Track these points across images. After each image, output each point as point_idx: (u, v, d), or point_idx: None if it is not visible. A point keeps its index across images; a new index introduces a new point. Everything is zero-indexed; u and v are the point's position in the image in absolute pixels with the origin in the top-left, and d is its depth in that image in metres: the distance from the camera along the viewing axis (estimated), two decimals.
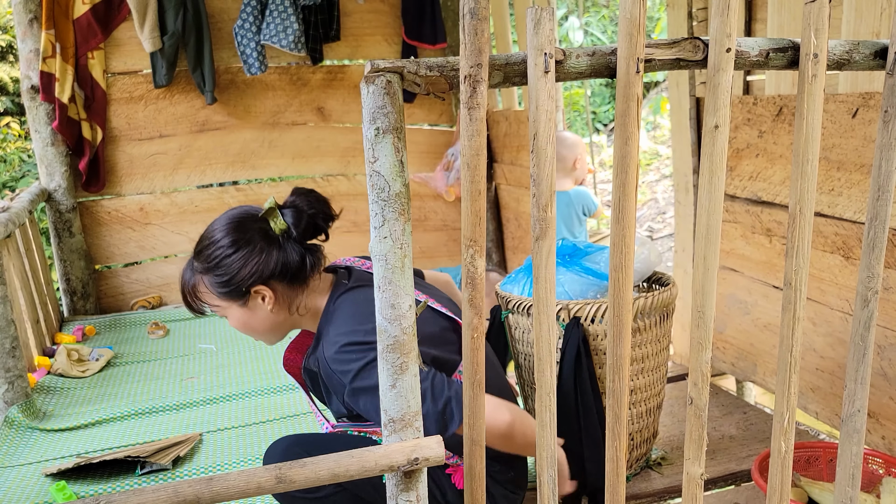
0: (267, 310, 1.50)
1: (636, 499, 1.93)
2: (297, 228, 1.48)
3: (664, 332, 1.89)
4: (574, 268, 1.91)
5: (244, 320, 1.52)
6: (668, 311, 1.88)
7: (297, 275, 1.49)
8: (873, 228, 1.19)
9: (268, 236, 1.47)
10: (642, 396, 1.89)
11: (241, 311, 1.51)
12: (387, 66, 0.94)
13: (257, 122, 4.00)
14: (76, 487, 2.01)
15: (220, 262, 1.46)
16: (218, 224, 1.50)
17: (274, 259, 1.45)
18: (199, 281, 1.51)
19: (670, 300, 1.86)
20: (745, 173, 2.36)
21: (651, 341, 1.85)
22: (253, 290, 1.47)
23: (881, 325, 1.91)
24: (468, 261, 1.01)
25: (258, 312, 1.51)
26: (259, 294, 1.48)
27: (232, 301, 1.49)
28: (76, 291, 3.72)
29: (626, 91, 1.00)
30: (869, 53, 1.15)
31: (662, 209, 5.92)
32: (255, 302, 1.49)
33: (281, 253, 1.46)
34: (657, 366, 1.91)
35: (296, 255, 1.47)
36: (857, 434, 1.25)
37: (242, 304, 1.50)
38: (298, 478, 1.00)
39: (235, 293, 1.47)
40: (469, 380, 1.06)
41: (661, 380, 1.95)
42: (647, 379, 1.88)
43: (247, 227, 1.47)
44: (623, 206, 1.03)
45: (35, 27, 3.43)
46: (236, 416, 2.46)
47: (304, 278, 1.50)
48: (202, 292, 1.52)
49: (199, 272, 1.50)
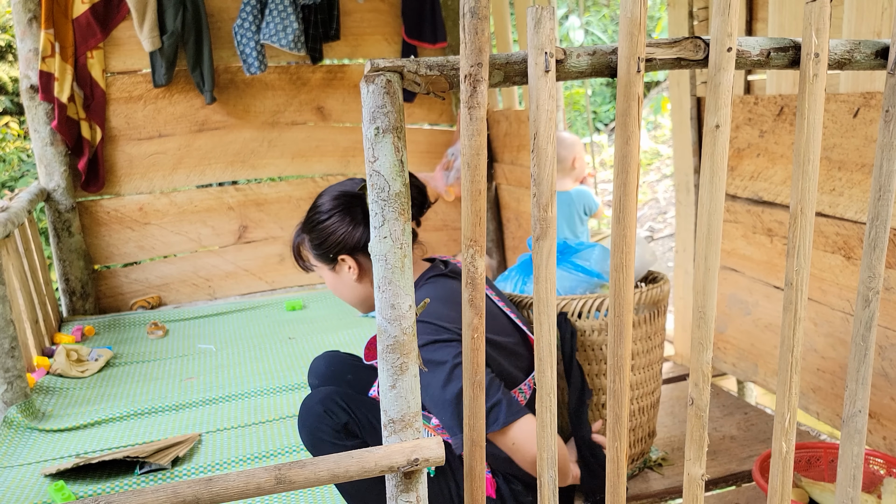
0: (352, 279, 1.63)
1: (637, 499, 1.92)
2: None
3: (656, 330, 1.89)
4: (564, 265, 1.93)
5: (333, 283, 1.68)
6: (660, 308, 1.88)
7: None
8: (874, 228, 1.18)
9: (363, 211, 1.59)
10: (634, 394, 1.89)
11: (331, 275, 1.66)
12: (387, 66, 0.94)
13: (257, 122, 4.00)
14: (75, 487, 2.01)
15: (316, 226, 1.61)
16: (327, 192, 1.64)
17: (360, 233, 1.58)
18: (303, 240, 1.67)
19: (661, 296, 1.86)
20: (746, 173, 2.36)
21: (642, 338, 1.84)
22: (339, 257, 1.61)
23: (882, 326, 1.90)
24: (468, 261, 1.00)
25: (344, 279, 1.65)
26: (345, 262, 1.62)
27: (323, 263, 1.65)
28: (75, 291, 3.72)
29: (627, 90, 1.00)
30: (870, 53, 1.15)
31: (663, 209, 5.92)
32: (342, 269, 1.63)
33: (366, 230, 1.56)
34: (650, 363, 1.90)
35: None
36: (858, 434, 1.25)
37: (331, 268, 1.65)
38: (298, 478, 1.00)
39: (325, 257, 1.63)
40: (469, 380, 1.06)
41: (655, 378, 1.95)
42: (638, 377, 1.88)
43: (347, 200, 1.60)
44: (624, 205, 1.03)
45: (34, 26, 3.42)
46: (235, 417, 2.46)
47: None
48: (304, 250, 1.69)
49: (303, 232, 1.66)
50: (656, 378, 1.96)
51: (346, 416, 1.53)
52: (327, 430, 1.52)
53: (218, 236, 4.04)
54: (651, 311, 1.85)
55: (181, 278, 3.99)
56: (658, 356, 1.94)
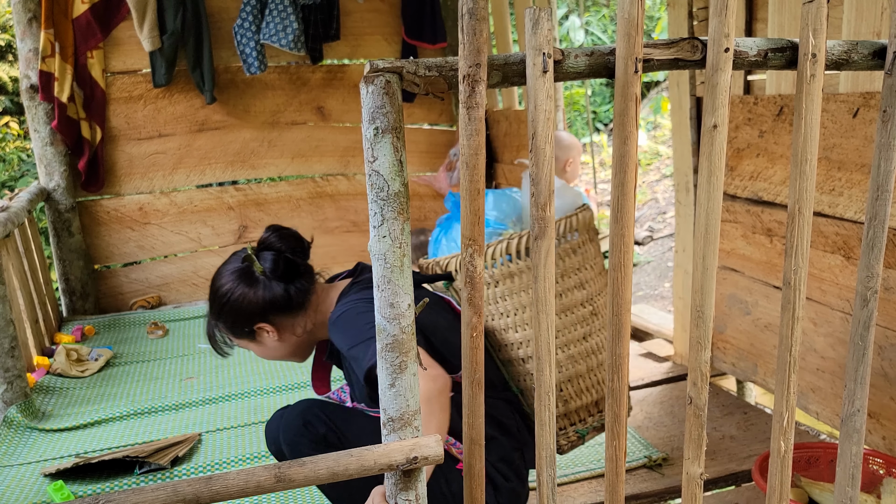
0: (275, 341, 1.65)
1: (637, 499, 1.92)
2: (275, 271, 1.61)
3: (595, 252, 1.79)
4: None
5: (262, 352, 1.69)
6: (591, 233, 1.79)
7: (289, 305, 1.61)
8: (872, 228, 1.18)
9: (252, 280, 1.60)
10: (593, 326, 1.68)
11: (256, 346, 1.68)
12: (386, 66, 0.94)
13: (257, 122, 4.00)
14: (74, 487, 2.01)
15: (224, 308, 1.62)
16: (218, 275, 1.65)
17: (263, 293, 1.59)
18: (218, 327, 1.68)
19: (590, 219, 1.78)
20: (745, 173, 2.36)
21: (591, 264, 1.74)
22: (256, 327, 1.63)
23: (881, 325, 1.90)
24: (468, 260, 1.01)
25: (269, 344, 1.66)
26: (263, 329, 1.63)
27: (246, 339, 1.66)
28: (75, 291, 3.72)
29: (625, 91, 1.00)
30: (867, 53, 1.15)
31: (663, 209, 5.92)
32: (262, 336, 1.65)
33: (266, 292, 1.59)
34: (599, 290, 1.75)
35: (280, 290, 1.60)
36: (857, 434, 1.25)
37: (253, 340, 1.66)
38: (298, 476, 1.00)
39: (243, 333, 1.64)
40: (468, 378, 1.06)
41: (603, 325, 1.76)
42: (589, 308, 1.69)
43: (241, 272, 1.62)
44: (622, 205, 1.03)
45: (34, 26, 3.42)
46: (235, 417, 2.46)
47: (299, 305, 1.62)
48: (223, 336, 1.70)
49: (216, 319, 1.67)
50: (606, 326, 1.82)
51: (325, 428, 1.53)
52: (307, 442, 1.52)
53: (218, 236, 4.04)
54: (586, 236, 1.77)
55: (181, 278, 3.99)
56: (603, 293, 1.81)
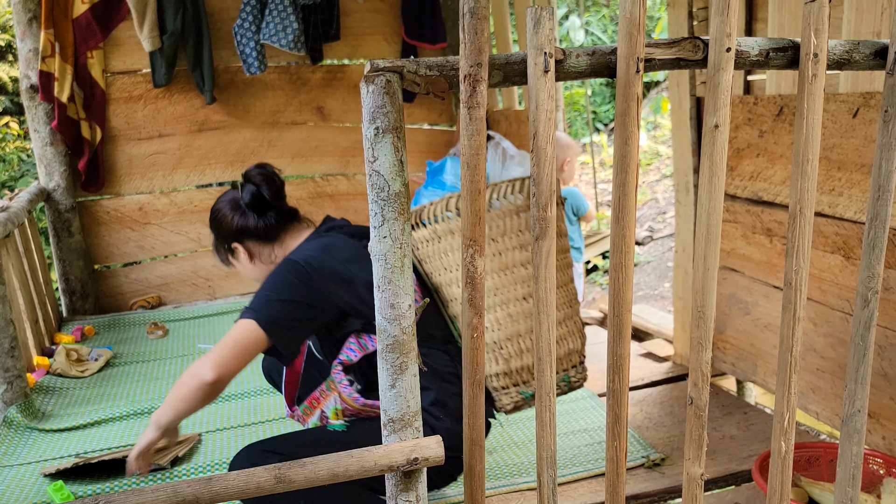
0: (247, 262, 1.93)
1: (637, 499, 1.92)
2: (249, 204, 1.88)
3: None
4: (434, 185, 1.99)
5: (240, 270, 1.97)
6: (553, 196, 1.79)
7: (264, 234, 1.89)
8: (873, 228, 1.18)
9: (235, 206, 1.90)
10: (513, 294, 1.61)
11: (236, 263, 1.97)
12: (386, 66, 0.94)
13: (257, 122, 4.00)
14: (74, 487, 2.01)
15: (212, 223, 1.95)
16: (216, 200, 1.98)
17: (239, 219, 1.89)
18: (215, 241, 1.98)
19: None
20: (745, 173, 2.36)
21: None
22: (233, 245, 1.92)
23: (881, 325, 1.90)
24: (468, 260, 1.01)
25: (243, 262, 1.95)
26: (238, 249, 1.92)
27: (227, 254, 1.96)
28: (75, 291, 3.72)
29: (626, 91, 1.00)
30: (869, 53, 1.15)
31: (663, 209, 5.92)
32: (238, 255, 1.94)
33: (240, 218, 1.89)
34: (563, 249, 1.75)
35: (252, 220, 1.88)
36: (857, 434, 1.25)
37: (232, 256, 1.95)
38: (298, 477, 1.00)
39: (226, 249, 1.95)
40: (469, 379, 1.06)
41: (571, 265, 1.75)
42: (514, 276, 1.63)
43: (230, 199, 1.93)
44: (623, 205, 1.03)
45: (34, 26, 3.42)
46: (235, 416, 2.46)
47: (266, 235, 1.89)
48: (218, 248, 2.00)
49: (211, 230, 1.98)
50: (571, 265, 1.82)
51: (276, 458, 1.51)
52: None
53: None
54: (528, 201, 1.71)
55: (181, 278, 3.99)
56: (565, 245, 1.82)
